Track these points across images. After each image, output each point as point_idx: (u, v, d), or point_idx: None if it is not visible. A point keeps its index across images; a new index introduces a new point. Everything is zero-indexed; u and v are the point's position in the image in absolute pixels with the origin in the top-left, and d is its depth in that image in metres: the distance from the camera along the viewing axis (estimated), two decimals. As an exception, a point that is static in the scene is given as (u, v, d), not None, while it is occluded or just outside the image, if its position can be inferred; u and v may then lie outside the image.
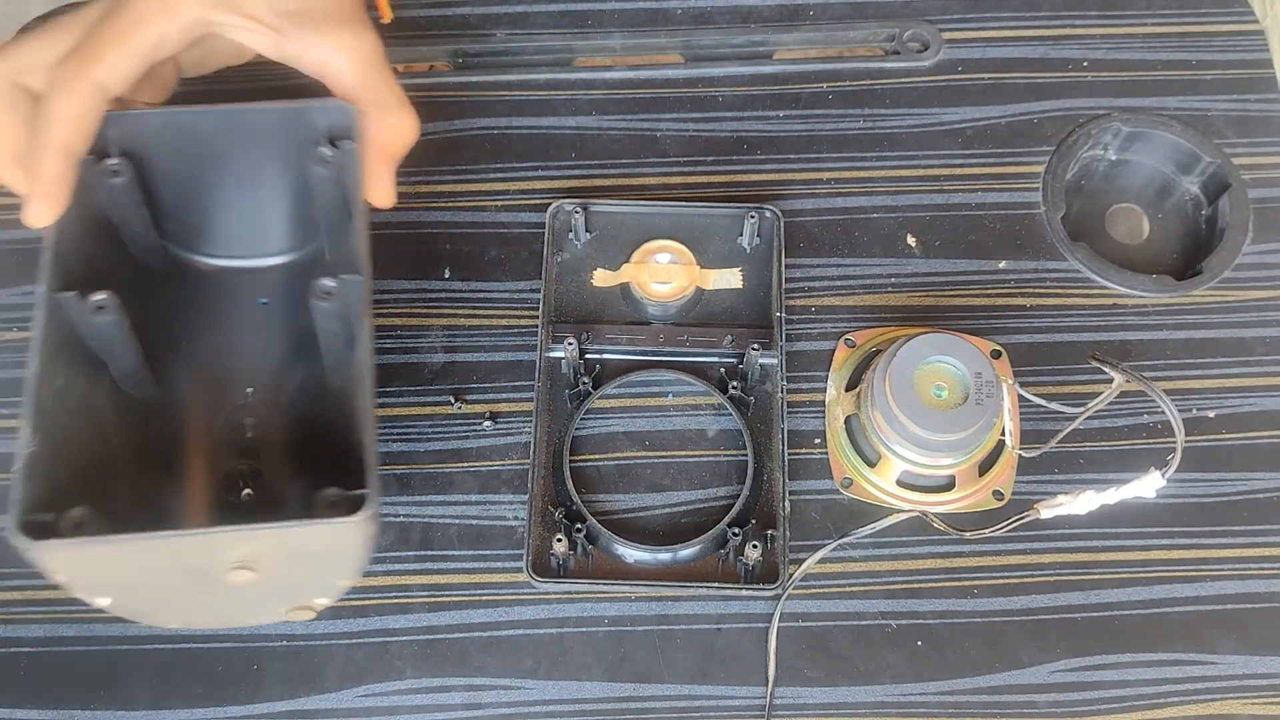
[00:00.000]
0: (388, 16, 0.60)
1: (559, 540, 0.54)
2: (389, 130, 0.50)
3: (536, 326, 0.60)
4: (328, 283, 0.46)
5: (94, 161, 0.48)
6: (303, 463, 0.52)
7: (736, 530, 0.54)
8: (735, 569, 0.55)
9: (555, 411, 0.58)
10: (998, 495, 0.56)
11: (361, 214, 0.49)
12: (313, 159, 0.49)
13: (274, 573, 0.44)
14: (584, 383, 0.58)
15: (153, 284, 0.53)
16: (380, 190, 0.50)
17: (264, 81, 0.60)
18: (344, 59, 0.50)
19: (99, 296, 0.46)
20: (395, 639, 0.54)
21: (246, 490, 0.51)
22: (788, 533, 0.55)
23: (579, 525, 0.55)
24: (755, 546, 0.53)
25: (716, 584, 0.55)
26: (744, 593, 0.54)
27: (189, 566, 0.43)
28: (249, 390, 0.53)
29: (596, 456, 0.58)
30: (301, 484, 0.51)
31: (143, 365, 0.50)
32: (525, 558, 0.55)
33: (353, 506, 0.42)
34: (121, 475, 0.48)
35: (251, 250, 0.55)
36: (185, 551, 0.42)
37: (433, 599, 0.55)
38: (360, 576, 0.48)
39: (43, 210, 0.47)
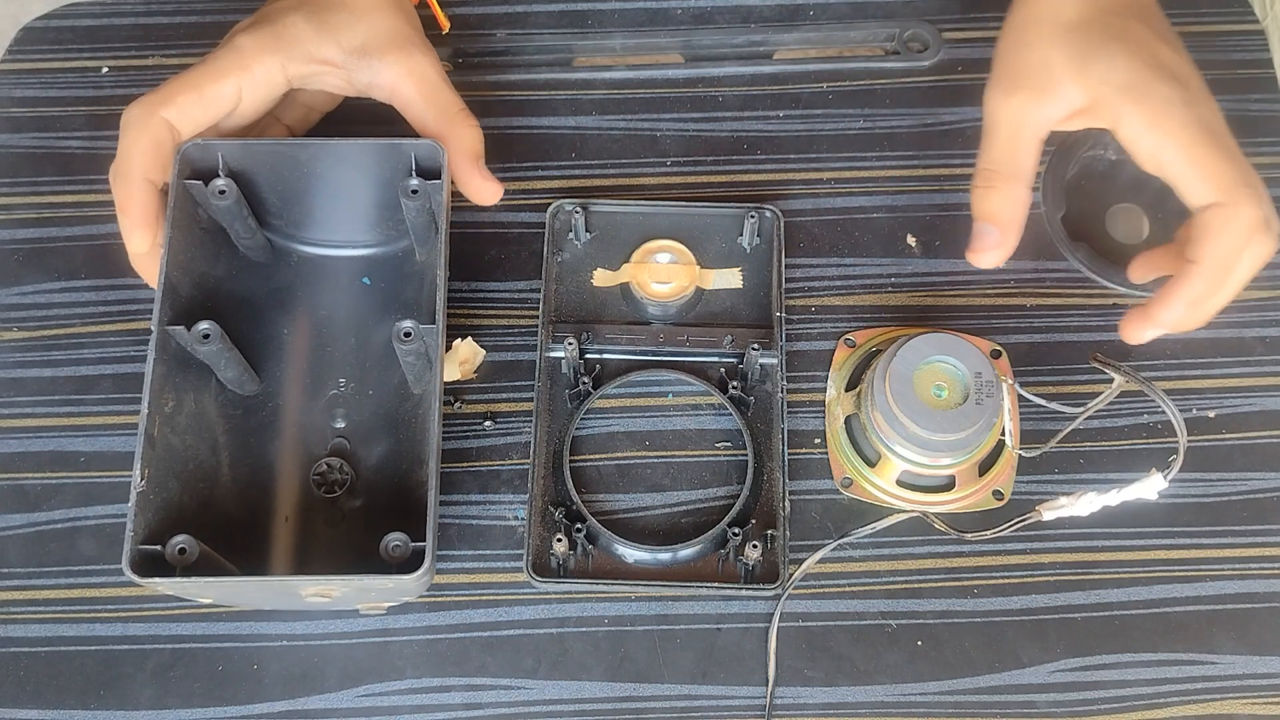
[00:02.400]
0: (446, 26, 0.64)
1: (559, 540, 0.54)
2: (459, 139, 0.55)
3: (536, 326, 0.60)
4: (406, 325, 0.51)
5: (203, 185, 0.54)
6: (388, 459, 0.56)
7: (736, 530, 0.54)
8: (735, 569, 0.55)
9: (555, 412, 0.58)
10: (998, 495, 0.56)
11: (444, 243, 0.54)
12: (402, 191, 0.53)
13: (346, 597, 0.51)
14: (584, 383, 0.58)
15: (259, 273, 0.59)
16: (476, 189, 0.56)
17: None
18: (409, 84, 0.54)
19: (203, 326, 0.52)
20: (395, 639, 0.54)
21: (334, 494, 0.56)
22: (788, 533, 0.55)
23: (579, 525, 0.55)
24: (755, 546, 0.53)
25: (716, 584, 0.55)
26: (744, 593, 0.54)
27: (275, 589, 0.52)
28: (341, 381, 0.57)
29: (596, 456, 0.58)
30: (386, 481, 0.56)
31: (246, 368, 0.55)
32: (525, 558, 0.54)
33: (413, 560, 0.48)
34: (225, 477, 0.54)
35: (348, 240, 0.59)
36: (270, 584, 0.52)
37: (433, 599, 0.55)
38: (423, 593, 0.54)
39: (136, 237, 0.52)
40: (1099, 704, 0.53)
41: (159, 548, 0.48)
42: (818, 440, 0.58)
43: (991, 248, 0.52)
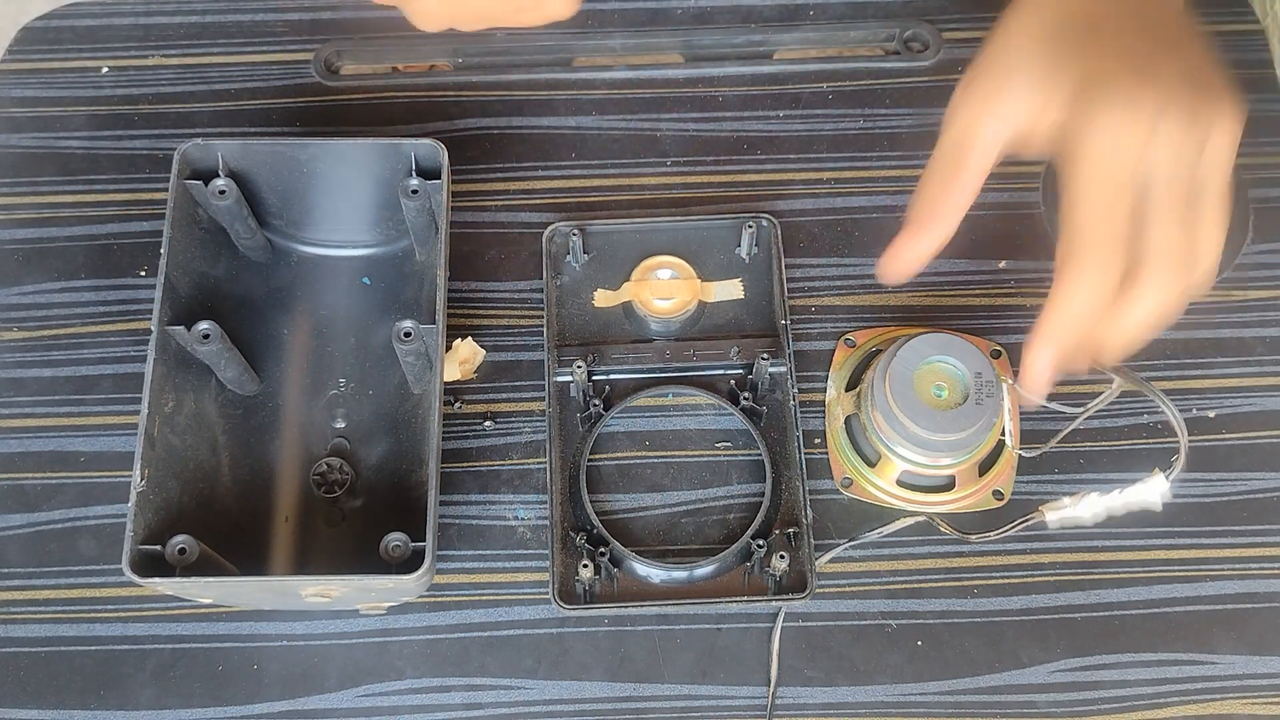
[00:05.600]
0: None
1: (585, 566, 0.53)
2: None
3: (536, 326, 0.60)
4: (406, 325, 0.51)
5: (203, 185, 0.54)
6: (388, 459, 0.56)
7: (761, 542, 0.54)
8: (762, 580, 0.55)
9: (568, 436, 0.58)
10: (998, 495, 0.56)
11: (444, 243, 0.54)
12: (402, 191, 0.54)
13: (346, 597, 0.51)
14: (594, 405, 0.57)
15: (259, 273, 0.59)
16: None
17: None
18: None
19: (203, 326, 0.52)
20: (395, 639, 0.54)
21: (334, 494, 0.56)
22: (812, 540, 0.55)
23: (602, 550, 0.54)
24: (783, 558, 0.53)
25: (746, 597, 0.54)
26: (775, 603, 0.54)
27: (275, 589, 0.51)
28: (341, 381, 0.57)
29: (598, 457, 0.58)
30: (386, 481, 0.56)
31: (246, 368, 0.55)
32: (551, 586, 0.54)
33: (413, 560, 0.49)
34: (225, 477, 0.55)
35: (348, 240, 0.59)
36: (270, 583, 0.51)
37: (432, 599, 0.55)
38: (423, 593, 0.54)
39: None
40: (1099, 704, 0.53)
41: (159, 548, 0.48)
42: (818, 440, 0.58)
43: (902, 245, 0.48)
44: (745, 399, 0.58)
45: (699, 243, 0.61)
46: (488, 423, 0.58)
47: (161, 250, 0.52)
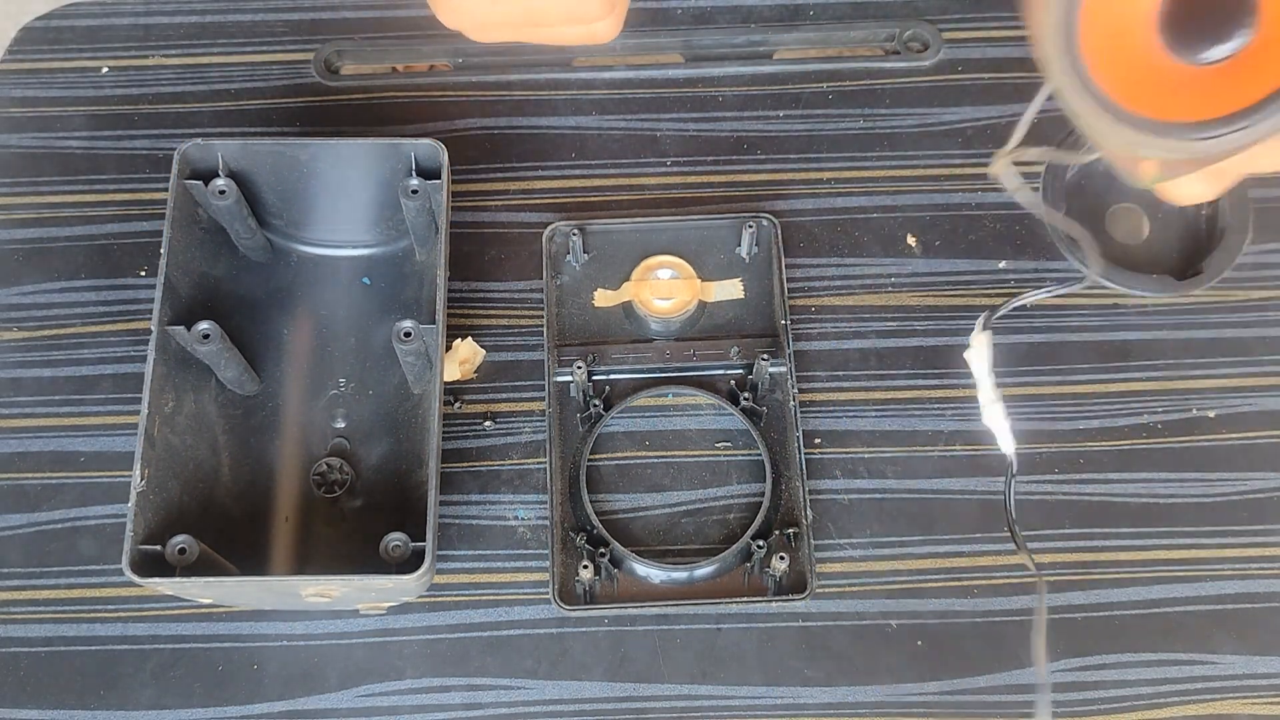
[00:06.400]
0: None
1: (585, 567, 0.53)
2: None
3: (536, 326, 0.60)
4: (406, 325, 0.51)
5: (203, 185, 0.54)
6: (388, 459, 0.56)
7: (761, 543, 0.54)
8: (762, 581, 0.55)
9: (567, 437, 0.58)
10: None
11: (444, 243, 0.54)
12: (402, 191, 0.54)
13: (346, 597, 0.51)
14: (595, 405, 0.57)
15: (259, 273, 0.59)
16: None
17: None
18: None
19: (203, 326, 0.52)
20: (395, 639, 0.54)
21: (334, 494, 0.56)
22: (811, 540, 0.55)
23: (602, 550, 0.54)
24: (783, 559, 0.53)
25: (746, 598, 0.54)
26: (775, 604, 0.54)
27: (275, 589, 0.51)
28: (341, 381, 0.57)
29: (598, 457, 0.58)
30: (386, 481, 0.56)
31: (246, 368, 0.55)
32: (551, 586, 0.54)
33: (413, 560, 0.49)
34: (225, 477, 0.55)
35: (348, 240, 0.60)
36: (270, 584, 0.51)
37: (432, 599, 0.55)
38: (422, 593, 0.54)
39: None
40: (1099, 704, 0.53)
41: (159, 548, 0.48)
42: (818, 440, 0.58)
43: None
44: (745, 399, 0.58)
45: (699, 243, 0.61)
46: (488, 423, 0.58)
47: (161, 250, 0.52)
